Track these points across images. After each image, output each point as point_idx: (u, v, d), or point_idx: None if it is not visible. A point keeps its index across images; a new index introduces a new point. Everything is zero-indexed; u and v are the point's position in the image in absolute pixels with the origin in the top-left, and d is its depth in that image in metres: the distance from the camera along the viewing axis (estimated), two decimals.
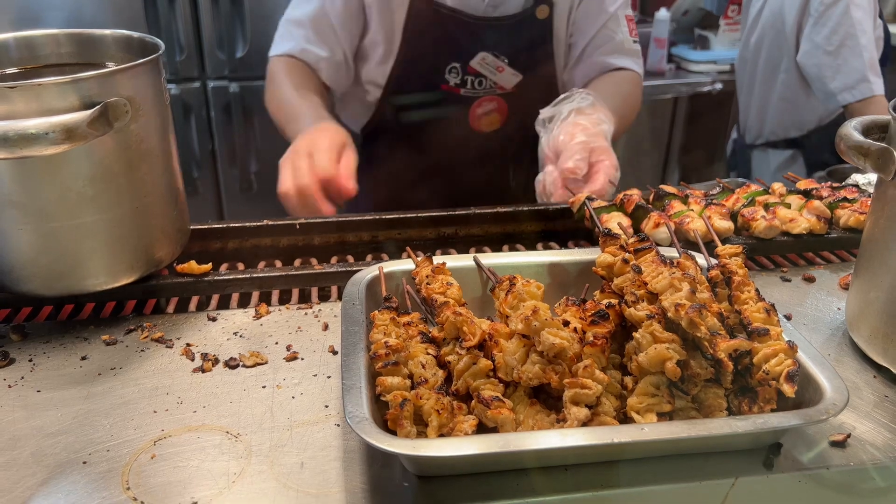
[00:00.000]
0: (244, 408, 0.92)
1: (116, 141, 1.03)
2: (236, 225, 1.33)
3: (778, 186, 1.44)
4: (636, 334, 0.85)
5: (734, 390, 0.86)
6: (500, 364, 0.85)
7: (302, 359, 1.02)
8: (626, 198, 1.35)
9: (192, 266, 1.18)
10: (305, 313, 1.14)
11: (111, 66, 1.05)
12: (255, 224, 1.34)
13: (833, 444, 0.87)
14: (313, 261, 1.30)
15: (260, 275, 1.19)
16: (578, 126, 1.57)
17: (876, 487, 0.85)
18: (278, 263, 1.31)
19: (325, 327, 1.10)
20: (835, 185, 1.46)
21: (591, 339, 0.86)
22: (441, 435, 0.79)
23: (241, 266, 1.29)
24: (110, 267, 1.09)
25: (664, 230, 1.23)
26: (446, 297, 0.95)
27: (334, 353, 1.03)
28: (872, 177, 1.59)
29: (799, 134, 3.02)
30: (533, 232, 1.45)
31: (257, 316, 1.12)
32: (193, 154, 3.30)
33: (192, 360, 1.02)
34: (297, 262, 1.31)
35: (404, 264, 1.07)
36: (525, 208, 1.45)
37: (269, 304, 1.16)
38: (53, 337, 1.06)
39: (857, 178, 1.61)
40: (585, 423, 0.78)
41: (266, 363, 1.01)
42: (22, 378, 0.98)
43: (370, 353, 0.87)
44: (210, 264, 1.20)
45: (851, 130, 1.00)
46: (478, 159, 2.00)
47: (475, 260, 1.06)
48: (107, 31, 1.20)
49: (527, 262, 1.09)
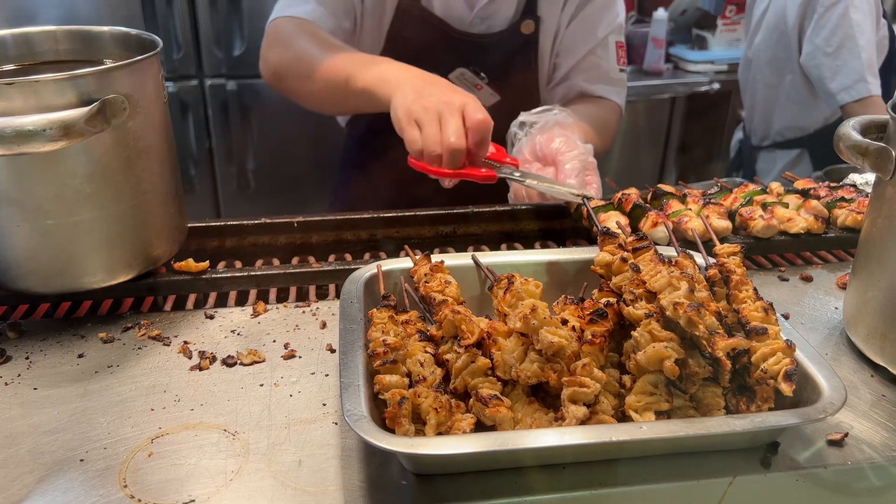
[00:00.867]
0: (242, 406, 0.92)
1: (114, 138, 1.02)
2: (234, 223, 1.33)
3: (776, 186, 1.45)
4: (634, 333, 0.85)
5: (732, 389, 0.86)
6: (499, 362, 0.85)
7: (300, 357, 1.02)
8: (625, 197, 1.35)
9: (190, 264, 1.18)
10: (303, 311, 1.14)
11: (109, 63, 1.05)
12: (252, 222, 1.33)
13: (830, 443, 0.87)
14: (311, 259, 1.30)
15: (258, 273, 1.19)
16: (572, 139, 1.52)
17: (873, 486, 0.85)
18: (276, 261, 1.31)
19: (323, 325, 1.10)
20: (832, 184, 1.47)
21: (590, 337, 0.85)
22: (439, 433, 0.79)
23: (238, 264, 1.29)
24: (108, 264, 1.09)
25: (662, 229, 1.24)
26: (445, 296, 0.95)
27: (332, 351, 1.03)
28: (870, 176, 1.59)
29: (805, 134, 3.03)
30: (531, 231, 1.45)
31: (255, 314, 1.12)
32: (191, 152, 3.30)
33: (190, 357, 1.01)
34: (294, 261, 1.31)
35: (402, 263, 1.07)
36: (523, 207, 1.45)
37: (266, 302, 1.16)
38: (50, 334, 1.06)
39: (854, 177, 1.61)
40: (584, 422, 0.78)
41: (264, 361, 1.01)
42: (19, 375, 0.97)
43: (368, 351, 0.86)
44: (208, 262, 1.20)
45: (850, 130, 1.00)
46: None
47: (473, 258, 1.06)
48: (104, 28, 1.19)
49: (525, 261, 1.09)
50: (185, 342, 1.05)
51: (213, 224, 1.33)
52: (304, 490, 0.79)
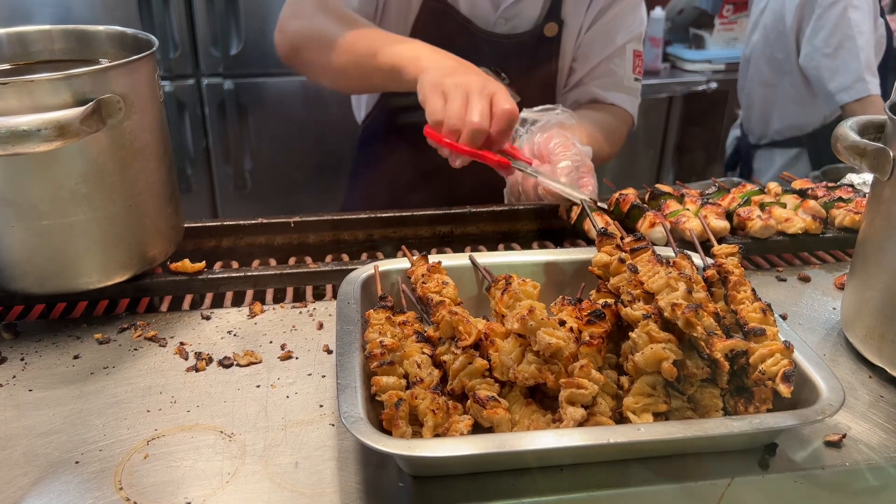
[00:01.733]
0: (238, 407, 0.91)
1: (110, 138, 1.02)
2: (230, 223, 1.33)
3: (773, 186, 1.44)
4: (632, 334, 0.85)
5: (730, 390, 0.86)
6: (496, 364, 0.84)
7: (296, 358, 1.02)
8: (622, 197, 1.35)
9: (186, 264, 1.17)
10: (300, 312, 1.13)
11: (104, 63, 1.04)
12: (249, 222, 1.33)
13: (828, 444, 0.87)
14: (308, 259, 1.30)
15: (254, 273, 1.19)
16: (570, 141, 1.51)
17: (871, 487, 0.85)
18: (273, 262, 1.30)
19: (320, 326, 1.09)
20: (830, 184, 1.47)
21: (588, 338, 0.85)
22: (436, 435, 0.79)
23: (235, 264, 1.28)
24: (103, 265, 1.08)
25: (660, 230, 1.23)
26: (442, 297, 0.95)
27: (329, 352, 1.03)
28: (867, 177, 1.59)
29: (804, 133, 3.04)
30: (529, 231, 1.44)
31: (251, 315, 1.12)
32: (187, 152, 3.29)
33: (186, 359, 1.01)
34: (291, 261, 1.31)
35: (400, 263, 1.06)
36: (521, 207, 1.45)
37: (263, 302, 1.16)
38: (46, 336, 1.06)
39: (852, 177, 1.61)
40: (581, 424, 0.78)
41: (260, 362, 1.00)
42: (14, 377, 0.97)
43: (365, 352, 0.86)
44: (204, 263, 1.19)
45: (847, 130, 1.00)
46: (469, 167, 1.96)
47: (471, 259, 1.06)
48: (100, 28, 1.19)
49: (523, 262, 1.09)
50: (182, 343, 1.04)
51: (210, 224, 1.32)
52: (300, 492, 0.78)
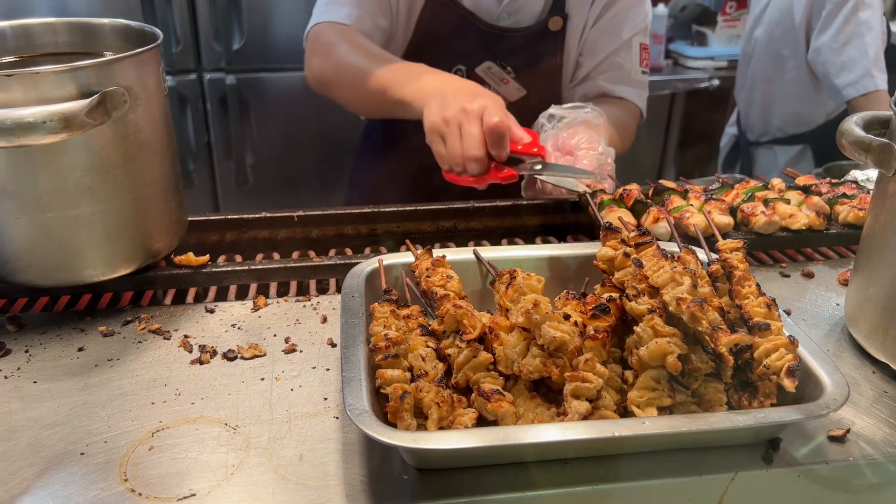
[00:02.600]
0: (242, 400, 0.91)
1: (114, 131, 1.02)
2: (234, 217, 1.33)
3: (777, 182, 1.44)
4: (637, 328, 0.85)
5: (734, 385, 0.86)
6: (501, 357, 0.84)
7: (300, 351, 1.02)
8: (626, 192, 1.35)
9: (190, 258, 1.17)
10: (304, 306, 1.13)
11: (109, 56, 1.04)
12: (253, 216, 1.33)
13: (832, 439, 0.87)
14: (311, 253, 1.30)
15: (258, 267, 1.19)
16: (594, 139, 1.52)
17: (874, 483, 0.85)
18: (276, 256, 1.30)
19: (324, 320, 1.09)
20: (834, 181, 1.47)
21: (592, 332, 0.85)
22: (441, 428, 0.79)
23: (238, 258, 1.28)
24: (108, 258, 1.08)
25: (664, 225, 1.23)
26: (446, 290, 0.95)
27: (333, 345, 1.03)
28: (871, 173, 1.59)
29: (807, 129, 3.03)
30: (532, 226, 1.44)
31: (255, 308, 1.12)
32: (189, 146, 3.29)
33: (190, 351, 1.01)
34: (295, 255, 1.31)
35: (404, 257, 1.06)
36: (524, 202, 1.45)
37: (267, 296, 1.16)
38: (50, 328, 1.06)
39: (856, 174, 1.61)
40: (586, 417, 0.78)
41: (264, 355, 1.01)
42: (18, 369, 0.97)
43: (370, 345, 0.86)
44: (208, 256, 1.19)
45: (853, 126, 1.00)
46: None
47: (475, 253, 1.06)
48: (105, 21, 1.19)
49: (527, 256, 1.09)
50: (186, 336, 1.04)
51: (214, 218, 1.32)
52: (305, 484, 0.79)
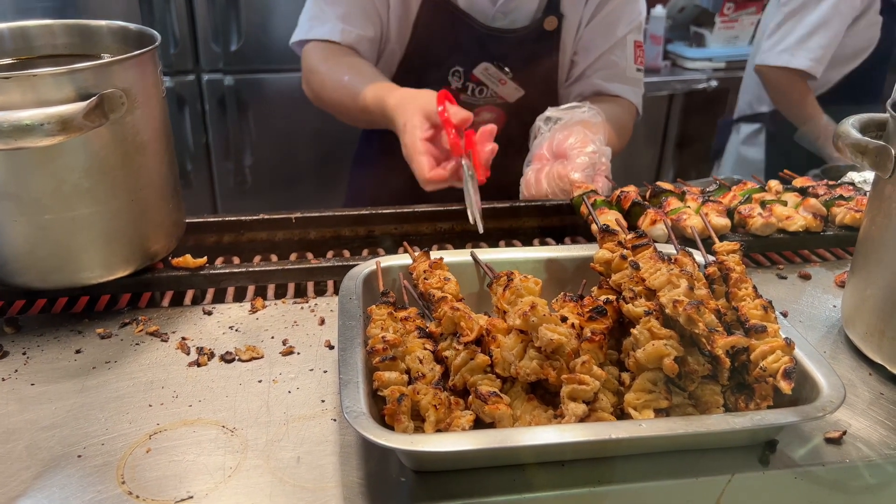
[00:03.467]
0: (240, 402, 0.91)
1: (112, 133, 1.02)
2: (232, 219, 1.33)
3: (774, 184, 1.45)
4: (634, 330, 0.85)
5: (731, 387, 0.86)
6: (498, 359, 0.84)
7: (298, 353, 1.02)
8: (623, 194, 1.35)
9: (188, 259, 1.17)
10: (301, 308, 1.13)
11: (107, 58, 1.04)
12: (250, 218, 1.33)
13: (828, 440, 0.87)
14: (309, 255, 1.30)
15: (256, 269, 1.19)
16: (588, 138, 1.53)
17: (870, 484, 0.85)
18: (274, 258, 1.30)
19: (322, 322, 1.09)
20: (831, 182, 1.47)
21: (589, 335, 0.85)
22: (438, 430, 0.79)
23: (236, 260, 1.28)
24: (105, 260, 1.08)
25: (661, 227, 1.23)
26: (444, 293, 0.95)
27: (330, 347, 1.03)
28: (868, 175, 1.60)
29: (768, 109, 3.04)
30: (529, 228, 1.45)
31: (253, 310, 1.12)
32: (187, 147, 3.28)
33: (188, 353, 1.01)
34: (293, 257, 1.31)
35: (401, 259, 1.06)
36: (522, 204, 1.45)
37: (264, 298, 1.16)
38: (47, 330, 1.06)
39: (852, 175, 1.61)
40: (583, 419, 0.78)
41: (262, 358, 1.01)
42: (16, 371, 0.97)
43: (367, 347, 0.86)
44: (205, 258, 1.19)
45: (849, 128, 1.00)
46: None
47: (472, 255, 1.06)
48: (102, 22, 1.19)
49: (524, 258, 1.09)
50: (183, 338, 1.04)
51: (211, 220, 1.32)
52: (302, 486, 0.79)
